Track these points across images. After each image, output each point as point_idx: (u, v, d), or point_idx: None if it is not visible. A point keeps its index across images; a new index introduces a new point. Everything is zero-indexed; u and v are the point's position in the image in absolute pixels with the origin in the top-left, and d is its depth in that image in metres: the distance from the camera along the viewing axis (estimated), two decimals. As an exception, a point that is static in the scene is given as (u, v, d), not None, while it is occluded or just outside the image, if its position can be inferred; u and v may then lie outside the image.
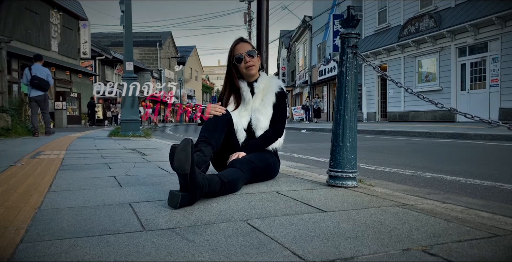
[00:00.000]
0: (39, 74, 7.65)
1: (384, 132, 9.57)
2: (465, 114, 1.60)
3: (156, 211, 1.46)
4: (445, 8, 14.01)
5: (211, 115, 1.98)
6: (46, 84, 7.75)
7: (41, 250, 1.03)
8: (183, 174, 1.50)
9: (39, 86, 7.64)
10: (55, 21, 19.44)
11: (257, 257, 0.98)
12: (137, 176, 2.40)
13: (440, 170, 3.36)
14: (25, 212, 1.45)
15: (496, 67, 11.97)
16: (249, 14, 27.93)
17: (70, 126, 17.99)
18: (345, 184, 1.97)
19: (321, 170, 2.83)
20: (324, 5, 22.85)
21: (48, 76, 7.81)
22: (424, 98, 1.79)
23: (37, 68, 7.72)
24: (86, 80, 22.82)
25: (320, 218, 1.37)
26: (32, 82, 7.58)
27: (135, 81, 7.83)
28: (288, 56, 35.03)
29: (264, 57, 3.43)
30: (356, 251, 1.02)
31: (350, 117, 1.96)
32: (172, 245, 1.07)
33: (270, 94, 2.21)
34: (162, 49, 39.63)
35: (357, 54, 1.97)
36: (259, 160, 2.04)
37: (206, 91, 64.24)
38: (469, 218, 1.37)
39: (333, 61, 21.09)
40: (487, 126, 9.36)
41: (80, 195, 1.79)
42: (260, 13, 3.63)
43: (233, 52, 2.21)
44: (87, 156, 3.69)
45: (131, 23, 7.91)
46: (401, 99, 16.22)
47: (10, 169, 2.71)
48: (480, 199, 2.01)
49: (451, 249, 1.04)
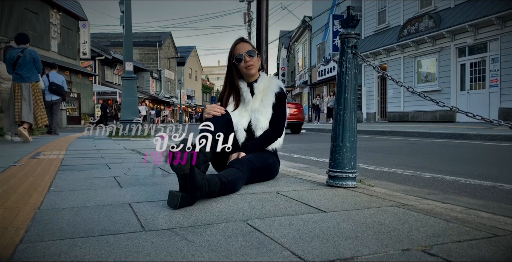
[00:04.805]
0: (56, 81, 8.69)
1: (383, 132, 9.57)
2: (466, 113, 1.60)
3: (156, 212, 1.46)
4: (445, 8, 14.02)
5: (210, 115, 1.98)
6: (62, 90, 8.86)
7: (41, 250, 1.03)
8: (182, 175, 1.51)
9: (56, 91, 8.67)
10: (54, 22, 19.44)
11: (257, 257, 0.98)
12: (136, 176, 2.40)
13: (439, 170, 3.36)
14: (24, 213, 1.45)
15: (495, 67, 11.97)
16: (249, 14, 27.93)
17: (70, 127, 17.99)
18: (345, 184, 1.97)
19: (320, 170, 2.83)
20: (323, 5, 22.86)
21: (63, 82, 8.94)
22: (426, 97, 1.78)
23: (53, 75, 8.80)
24: (86, 81, 22.81)
25: (320, 218, 1.37)
26: (50, 88, 8.57)
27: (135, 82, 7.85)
28: (288, 56, 35.04)
29: (264, 57, 3.43)
30: (356, 251, 1.02)
31: (350, 117, 1.96)
32: (172, 246, 1.07)
33: (270, 94, 2.22)
34: (162, 49, 39.64)
35: (356, 54, 1.97)
36: (259, 160, 2.04)
37: (205, 92, 64.24)
38: (469, 218, 1.37)
39: (332, 62, 21.09)
40: (487, 126, 9.37)
41: (80, 195, 1.79)
42: (260, 13, 3.64)
43: (233, 52, 2.22)
44: (86, 157, 3.69)
45: (131, 23, 7.91)
46: (401, 99, 16.23)
47: (10, 169, 2.71)
48: (480, 199, 2.01)
49: (451, 249, 1.03)
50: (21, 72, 5.82)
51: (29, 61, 5.86)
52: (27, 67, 5.85)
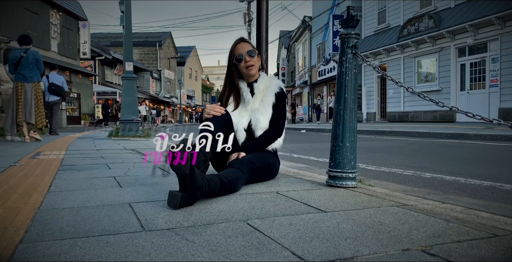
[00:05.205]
0: (55, 82, 8.68)
1: (383, 132, 9.57)
2: (466, 113, 1.60)
3: (156, 212, 1.46)
4: (445, 8, 14.02)
5: (210, 116, 1.98)
6: (62, 90, 8.84)
7: (41, 251, 1.03)
8: (182, 175, 1.51)
9: (55, 92, 8.67)
10: (54, 22, 19.43)
11: (256, 257, 0.98)
12: (136, 176, 2.40)
13: (439, 170, 3.36)
14: (24, 213, 1.45)
15: (495, 67, 11.97)
16: (249, 14, 27.92)
17: (70, 127, 17.99)
18: (344, 184, 1.97)
19: (320, 170, 2.83)
20: (323, 5, 22.86)
21: (63, 83, 8.91)
22: (425, 97, 1.79)
23: (53, 76, 8.77)
24: (86, 81, 22.80)
25: (320, 218, 1.37)
26: (50, 89, 8.55)
27: (135, 82, 7.85)
28: (288, 56, 35.02)
29: (264, 57, 3.43)
30: (356, 251, 1.02)
31: (350, 117, 1.96)
32: (171, 246, 1.07)
33: (270, 94, 2.22)
34: (162, 49, 39.63)
35: (356, 55, 1.97)
36: (259, 160, 2.04)
37: (205, 92, 64.24)
38: (469, 218, 1.37)
39: (332, 62, 21.07)
40: (487, 126, 9.37)
41: (80, 195, 1.79)
42: (260, 13, 3.64)
43: (234, 52, 2.22)
44: (86, 157, 3.69)
45: (130, 23, 7.90)
46: (401, 99, 16.23)
47: (10, 169, 2.71)
48: (480, 199, 2.01)
49: (451, 249, 1.03)
50: (24, 71, 5.88)
51: (32, 62, 5.93)
52: (29, 67, 5.90)
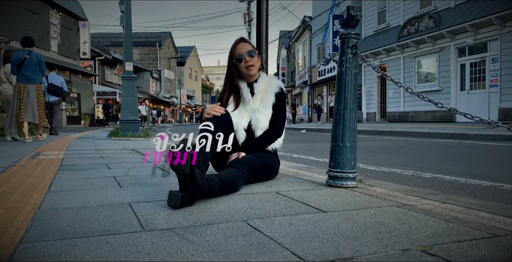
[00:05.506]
0: (54, 82, 8.68)
1: (383, 132, 9.57)
2: (465, 114, 1.60)
3: (156, 212, 1.46)
4: (445, 8, 14.02)
5: (210, 116, 1.98)
6: (61, 91, 8.86)
7: (41, 250, 1.03)
8: (182, 175, 1.51)
9: (54, 92, 8.69)
10: (54, 22, 19.42)
11: (256, 257, 0.98)
12: (136, 176, 2.40)
13: (439, 170, 3.36)
14: (24, 213, 1.45)
15: (495, 67, 11.97)
16: (249, 14, 27.92)
17: (70, 126, 17.99)
18: (344, 184, 1.97)
19: (320, 170, 2.83)
20: (323, 5, 22.85)
21: (62, 83, 8.93)
22: (424, 98, 1.79)
23: (52, 76, 8.76)
24: (86, 81, 22.80)
25: (320, 218, 1.37)
26: (49, 89, 8.52)
27: (135, 82, 7.84)
28: (288, 56, 35.02)
29: (264, 57, 3.43)
30: (356, 251, 1.02)
31: (350, 117, 1.96)
32: (171, 246, 1.07)
33: (270, 94, 2.22)
34: (162, 49, 39.63)
35: (356, 55, 1.97)
36: (259, 160, 2.04)
37: (205, 92, 64.24)
38: (469, 218, 1.37)
39: (332, 61, 21.07)
40: (487, 126, 9.37)
41: (80, 195, 1.79)
42: (260, 13, 3.64)
43: (234, 52, 2.22)
44: (86, 157, 3.69)
45: (130, 23, 7.90)
46: (401, 100, 16.23)
47: (10, 169, 2.71)
48: (480, 199, 2.01)
49: (451, 249, 1.03)
50: (27, 73, 5.93)
51: (35, 63, 6.00)
52: (32, 68, 5.97)
